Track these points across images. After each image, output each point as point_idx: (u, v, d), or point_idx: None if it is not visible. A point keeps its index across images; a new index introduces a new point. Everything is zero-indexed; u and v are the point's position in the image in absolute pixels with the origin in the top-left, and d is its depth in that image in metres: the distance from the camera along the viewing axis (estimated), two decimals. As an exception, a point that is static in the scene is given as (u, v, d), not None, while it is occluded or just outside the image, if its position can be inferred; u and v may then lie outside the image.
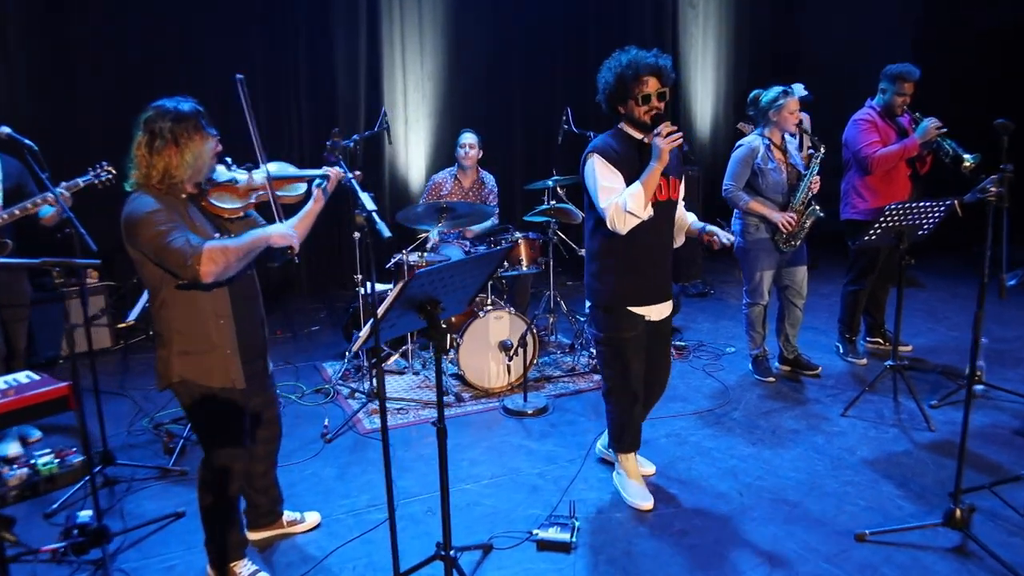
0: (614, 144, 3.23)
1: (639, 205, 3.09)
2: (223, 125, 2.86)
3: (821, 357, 5.40)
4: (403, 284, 2.35)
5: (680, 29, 8.67)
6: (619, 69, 3.13)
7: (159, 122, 2.59)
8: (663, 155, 3.06)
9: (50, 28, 6.13)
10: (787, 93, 4.65)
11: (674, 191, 3.32)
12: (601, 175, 3.18)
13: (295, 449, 4.22)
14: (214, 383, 2.74)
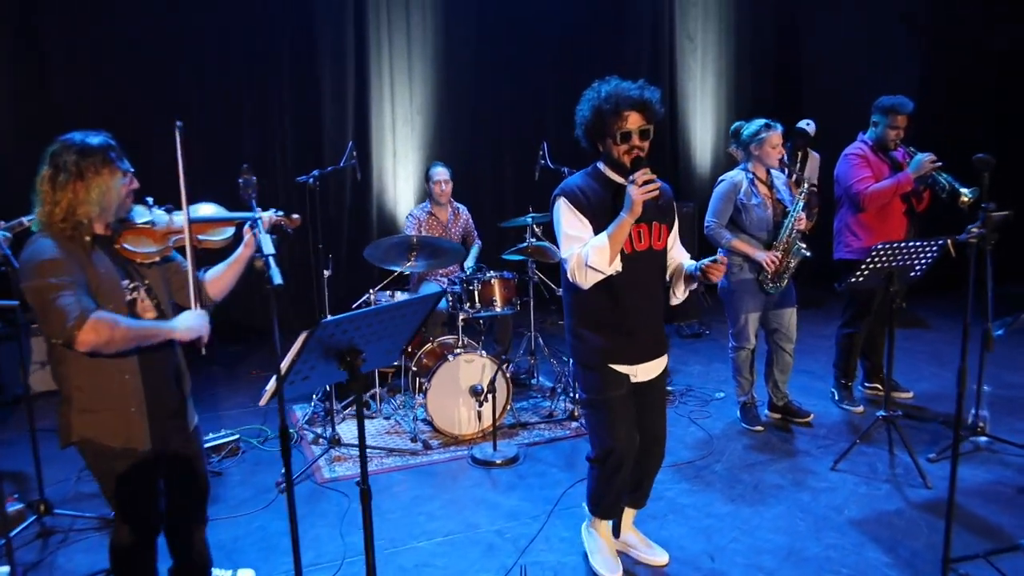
0: (586, 186, 2.87)
1: (603, 260, 2.74)
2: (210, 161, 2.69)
3: (815, 404, 5.11)
4: (308, 333, 2.14)
5: (678, 62, 8.51)
6: (596, 102, 2.77)
7: (64, 155, 2.40)
8: (635, 207, 2.68)
9: (29, 56, 6.06)
10: (769, 127, 4.44)
11: (658, 239, 2.92)
12: (566, 221, 2.85)
13: (248, 499, 4.00)
14: (116, 443, 2.52)
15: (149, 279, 2.63)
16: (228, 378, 6.11)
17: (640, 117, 2.74)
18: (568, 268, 2.83)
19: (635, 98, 2.72)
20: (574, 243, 2.83)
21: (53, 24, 6.13)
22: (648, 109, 2.75)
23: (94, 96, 6.17)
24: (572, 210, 2.84)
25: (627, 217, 2.72)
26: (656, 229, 2.91)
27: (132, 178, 2.56)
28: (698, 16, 8.51)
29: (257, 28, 6.69)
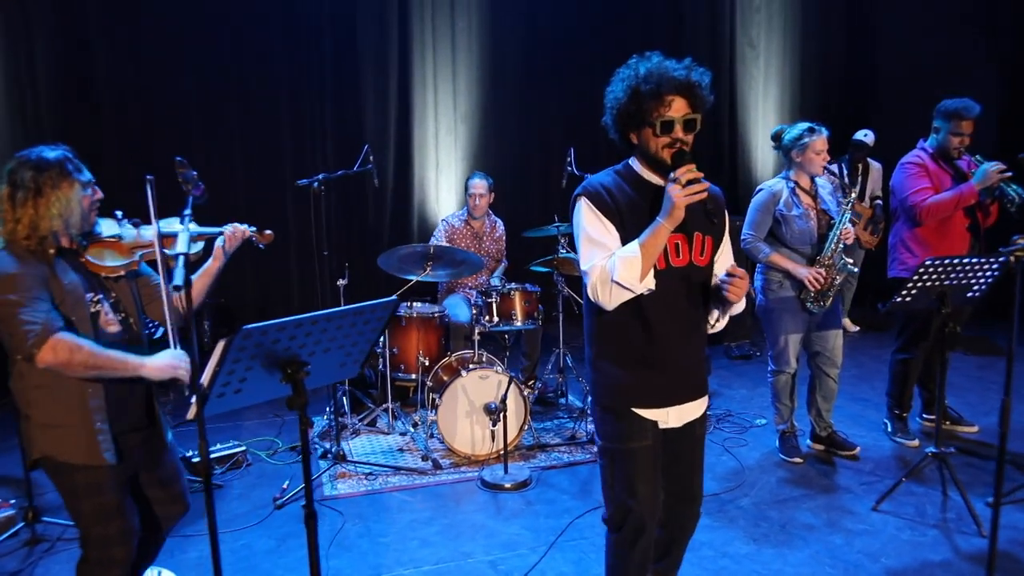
0: (614, 185, 2.35)
1: (632, 274, 2.21)
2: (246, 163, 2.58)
3: (866, 435, 4.66)
4: (227, 341, 1.96)
5: (738, 70, 8.12)
6: (634, 81, 2.25)
7: (20, 172, 2.35)
8: (674, 211, 2.18)
9: (72, 69, 6.18)
10: (813, 131, 4.07)
11: (700, 253, 2.38)
12: (588, 225, 2.33)
13: (243, 514, 3.86)
14: (77, 459, 2.40)
15: (117, 293, 2.55)
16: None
17: (685, 104, 2.25)
18: (589, 283, 2.30)
19: (681, 80, 2.22)
20: (597, 252, 2.30)
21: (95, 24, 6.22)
22: (696, 95, 2.26)
23: (131, 99, 6.26)
24: (595, 212, 2.32)
25: (665, 223, 2.20)
26: (699, 241, 2.37)
27: (94, 189, 2.49)
28: (761, 23, 8.11)
29: (299, 35, 6.68)
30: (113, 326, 2.48)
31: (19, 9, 5.90)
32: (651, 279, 2.27)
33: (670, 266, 2.33)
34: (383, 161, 7.07)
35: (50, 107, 6.08)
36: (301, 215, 6.72)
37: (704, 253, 2.40)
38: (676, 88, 2.23)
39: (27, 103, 6.00)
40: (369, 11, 6.87)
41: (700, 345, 2.47)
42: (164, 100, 6.37)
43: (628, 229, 2.29)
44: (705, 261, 2.41)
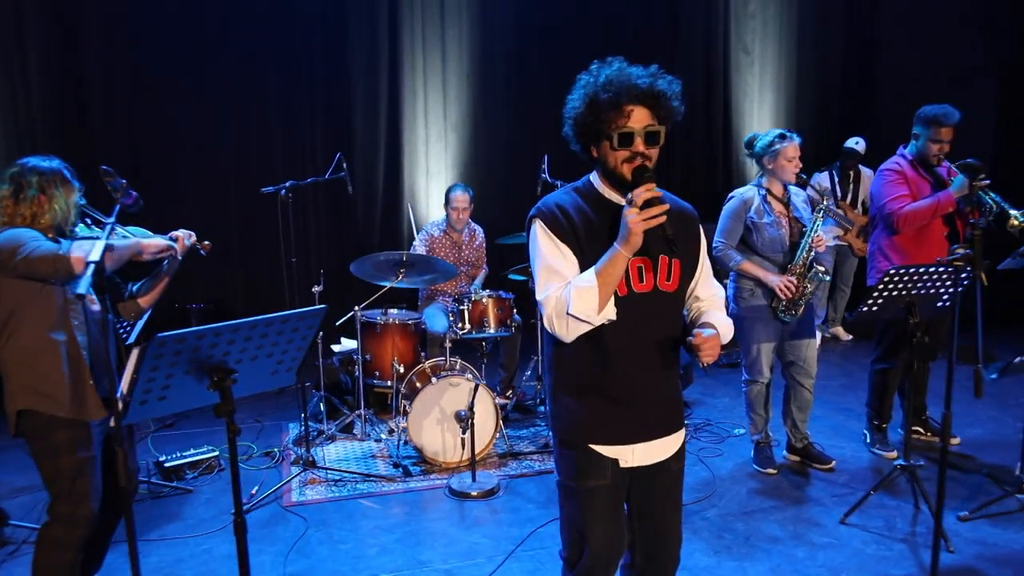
0: (571, 204, 2.16)
1: (589, 307, 2.02)
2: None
3: (844, 447, 4.59)
4: (141, 349, 1.95)
5: (732, 76, 8.05)
6: (592, 89, 2.07)
7: (26, 175, 2.69)
8: (631, 237, 1.98)
9: (64, 61, 6.25)
10: (784, 137, 4.03)
11: (666, 278, 2.17)
12: (544, 250, 2.13)
13: (207, 519, 3.87)
14: (63, 413, 2.63)
15: None
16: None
17: (648, 114, 2.06)
18: (544, 314, 2.11)
19: (643, 88, 2.03)
20: (552, 281, 2.10)
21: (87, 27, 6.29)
22: (661, 105, 2.07)
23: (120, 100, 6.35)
24: (550, 236, 2.12)
25: (622, 250, 2.00)
26: (664, 265, 2.17)
27: (82, 194, 2.82)
28: (756, 28, 8.05)
29: (289, 42, 6.71)
30: (95, 304, 2.75)
31: (12, 9, 5.99)
32: (611, 309, 2.08)
33: (632, 292, 2.13)
34: (373, 168, 7.08)
35: (41, 110, 6.15)
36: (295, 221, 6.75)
37: (671, 278, 2.18)
38: (637, 97, 2.04)
39: (19, 105, 6.09)
40: (359, 18, 6.89)
41: (670, 377, 2.26)
42: (154, 103, 6.42)
43: (587, 253, 2.10)
44: (673, 286, 2.19)
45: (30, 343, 2.61)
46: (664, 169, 7.93)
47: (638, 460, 2.22)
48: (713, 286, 2.34)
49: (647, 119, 2.07)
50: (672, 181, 7.96)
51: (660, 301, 2.18)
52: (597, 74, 2.10)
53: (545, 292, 2.10)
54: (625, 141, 2.06)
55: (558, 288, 2.08)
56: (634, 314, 2.13)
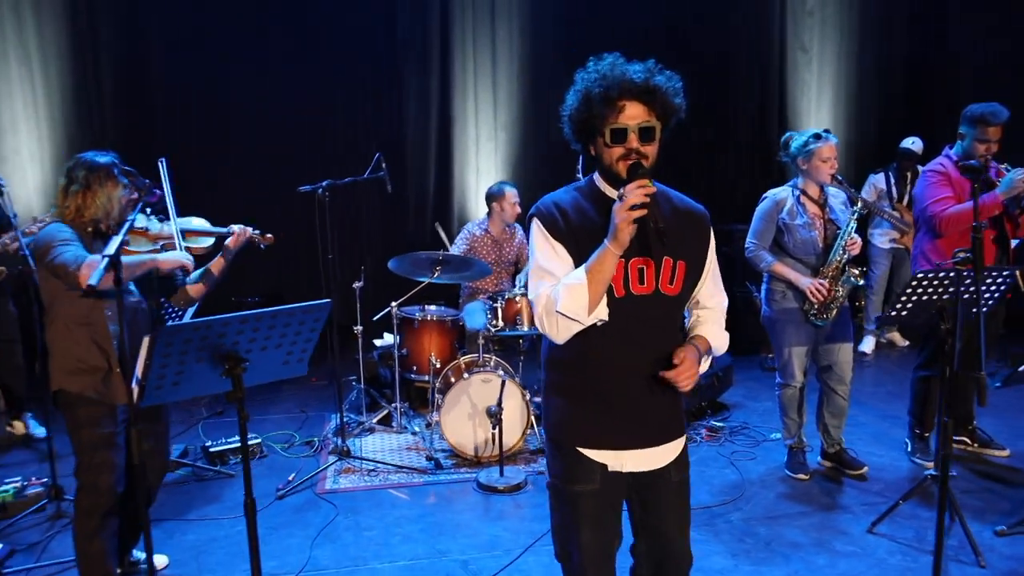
0: (571, 203, 2.12)
1: (578, 305, 1.97)
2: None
3: (884, 455, 4.48)
4: (151, 338, 2.09)
5: (788, 75, 7.90)
6: (585, 85, 2.04)
7: (76, 170, 2.90)
8: (618, 233, 1.92)
9: (132, 62, 6.62)
10: (820, 137, 3.96)
11: (669, 281, 2.10)
12: (538, 250, 2.11)
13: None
14: (89, 394, 2.85)
15: None
16: (286, 383, 6.30)
17: (644, 110, 2.01)
18: (536, 314, 2.08)
19: (637, 83, 1.98)
20: (545, 280, 2.07)
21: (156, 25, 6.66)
22: (657, 100, 2.01)
23: (183, 102, 6.70)
24: (545, 235, 2.09)
25: (611, 246, 1.95)
26: (668, 267, 2.09)
27: (133, 190, 2.96)
28: (814, 25, 7.88)
29: (341, 43, 6.91)
30: (132, 296, 3.00)
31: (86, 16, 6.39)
32: (603, 309, 2.02)
33: (630, 294, 2.06)
34: (424, 168, 7.23)
35: (111, 109, 6.54)
36: (344, 219, 6.98)
37: (675, 281, 2.10)
38: (631, 92, 1.99)
39: (92, 105, 6.49)
40: (410, 21, 7.05)
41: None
42: (214, 102, 6.72)
43: (585, 253, 2.03)
44: (675, 290, 2.11)
45: (63, 329, 2.84)
46: (714, 170, 7.86)
47: (631, 467, 2.14)
48: (719, 294, 2.25)
49: (643, 115, 2.01)
50: (724, 182, 7.89)
51: (661, 304, 2.10)
52: (591, 70, 2.05)
53: (536, 291, 2.07)
54: (618, 137, 2.01)
55: (549, 287, 2.04)
56: (632, 316, 2.06)
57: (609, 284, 2.02)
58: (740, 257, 4.33)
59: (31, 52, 6.33)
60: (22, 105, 6.36)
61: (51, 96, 6.43)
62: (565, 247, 2.08)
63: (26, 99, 6.35)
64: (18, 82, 6.31)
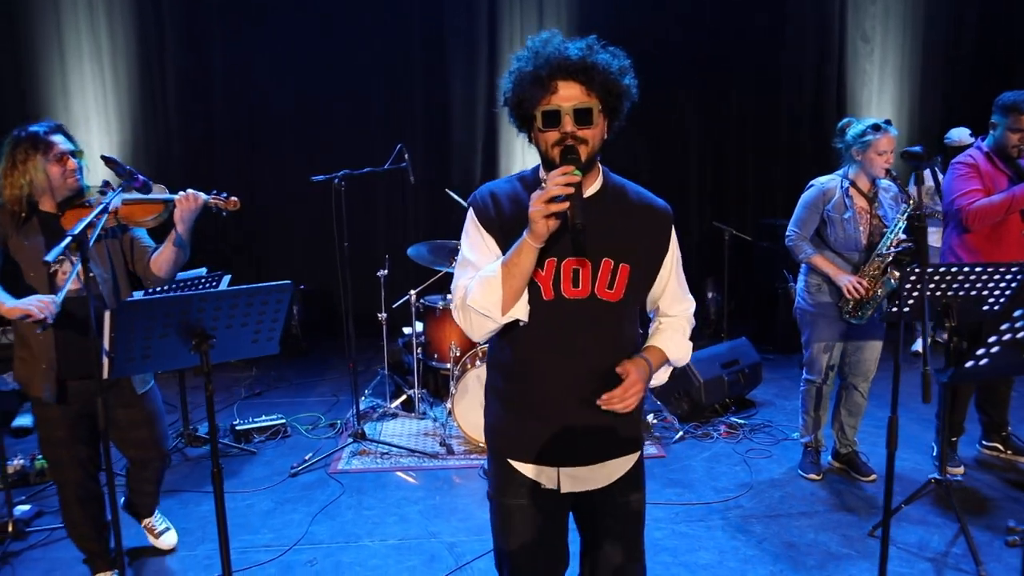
0: (508, 193, 1.95)
1: (490, 300, 1.82)
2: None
3: (909, 459, 4.30)
4: (112, 312, 2.25)
5: (848, 65, 7.61)
6: (517, 65, 1.85)
7: (4, 147, 2.80)
8: (533, 226, 1.74)
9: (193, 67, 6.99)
10: (879, 128, 3.75)
11: (608, 285, 1.89)
12: (465, 240, 1.98)
13: (259, 478, 4.24)
14: (32, 392, 2.89)
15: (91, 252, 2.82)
16: (322, 367, 6.53)
17: (580, 90, 1.80)
18: (453, 306, 1.95)
19: (572, 61, 1.78)
20: (466, 271, 1.93)
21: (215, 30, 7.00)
22: (595, 79, 1.80)
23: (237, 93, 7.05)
24: (476, 225, 1.95)
25: (527, 238, 1.77)
26: (607, 269, 1.89)
27: (68, 160, 2.82)
28: (876, 14, 7.56)
29: (389, 33, 7.07)
30: (72, 283, 2.72)
31: (154, 21, 6.78)
32: (521, 309, 1.85)
33: (561, 297, 1.87)
34: (471, 166, 7.32)
35: (174, 100, 6.95)
36: (392, 210, 7.18)
37: (614, 285, 1.89)
38: (564, 70, 1.79)
39: (157, 102, 6.90)
40: (458, 17, 7.16)
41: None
42: (267, 101, 7.02)
43: (512, 242, 1.84)
44: (616, 296, 1.90)
45: (17, 331, 2.88)
46: (765, 161, 7.66)
47: (567, 486, 1.96)
48: (684, 299, 2.06)
49: (578, 95, 1.79)
50: (775, 174, 7.69)
51: (598, 310, 1.88)
52: (525, 48, 1.86)
53: (456, 282, 1.95)
54: (550, 120, 1.80)
55: (468, 279, 1.90)
56: (563, 322, 1.88)
57: (535, 283, 1.86)
58: (781, 251, 4.18)
59: (103, 49, 6.76)
60: (93, 100, 6.80)
61: (119, 92, 6.85)
62: (495, 238, 1.92)
63: (96, 94, 6.80)
64: (90, 77, 6.76)
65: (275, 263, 7.15)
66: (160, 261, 2.99)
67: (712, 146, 7.72)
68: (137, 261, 3.04)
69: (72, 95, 6.75)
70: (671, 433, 4.73)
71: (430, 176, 7.04)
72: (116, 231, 3.02)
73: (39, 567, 3.34)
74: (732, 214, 7.64)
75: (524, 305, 1.86)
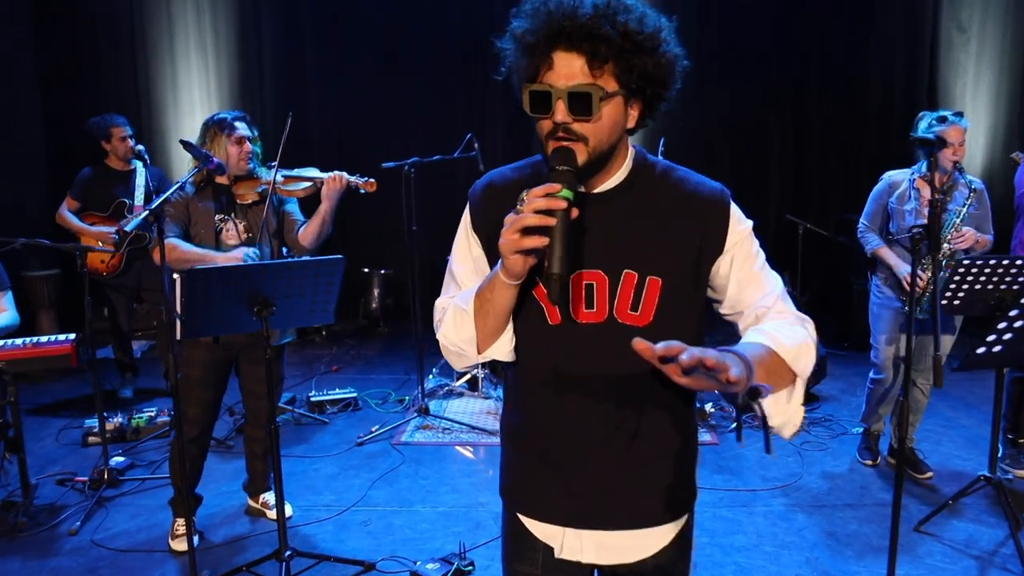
0: (510, 183, 1.54)
1: (460, 336, 1.50)
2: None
3: (972, 459, 4.21)
4: (180, 278, 2.53)
5: (942, 56, 7.31)
6: (513, 25, 1.40)
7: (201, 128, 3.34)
8: (506, 261, 1.34)
9: (288, 59, 7.42)
10: (945, 119, 3.70)
11: (631, 306, 1.45)
12: (456, 241, 1.61)
13: (328, 445, 4.55)
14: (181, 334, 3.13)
15: (248, 218, 3.34)
16: (397, 347, 6.84)
17: (581, 65, 1.31)
18: (435, 324, 1.60)
19: (579, 20, 1.29)
20: (449, 286, 1.62)
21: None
22: (598, 49, 1.30)
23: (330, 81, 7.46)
24: (466, 225, 1.58)
25: (500, 272, 1.37)
26: (630, 284, 1.44)
27: (245, 143, 3.30)
28: (975, 3, 7.23)
29: (469, 13, 7.28)
30: (232, 239, 3.29)
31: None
32: (504, 347, 1.49)
33: (570, 322, 1.46)
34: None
35: (270, 85, 7.41)
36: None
37: (640, 305, 1.44)
38: (564, 35, 1.29)
39: (255, 94, 7.38)
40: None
41: (647, 450, 1.52)
42: (357, 92, 7.38)
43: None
44: (643, 319, 1.44)
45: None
46: (849, 156, 7.47)
47: (591, 556, 1.55)
48: (765, 284, 1.48)
49: (579, 73, 1.31)
50: (860, 169, 7.50)
51: (620, 338, 1.32)
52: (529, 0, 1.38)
53: (438, 300, 1.61)
54: (539, 104, 1.34)
55: (448, 299, 1.58)
56: (574, 353, 1.47)
57: (537, 304, 1.48)
58: (860, 249, 4.16)
59: (207, 43, 7.28)
60: (198, 91, 7.33)
61: (221, 84, 7.35)
62: (481, 242, 1.54)
63: (201, 86, 7.32)
64: (196, 70, 7.29)
65: (364, 247, 7.44)
66: (307, 234, 3.40)
67: (794, 140, 7.59)
68: (287, 232, 3.46)
69: (180, 87, 7.29)
70: (727, 422, 4.76)
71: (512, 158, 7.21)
72: (275, 200, 3.41)
73: (127, 511, 3.72)
74: (814, 208, 7.50)
75: (507, 342, 1.49)
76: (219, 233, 3.28)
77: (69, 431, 4.73)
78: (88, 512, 3.64)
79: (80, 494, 3.87)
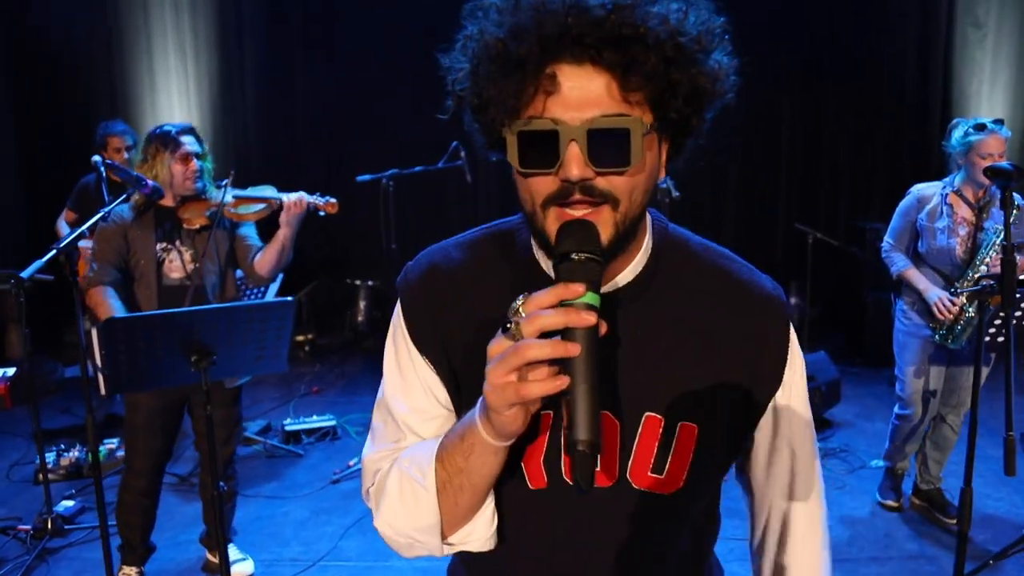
0: (470, 269, 1.07)
1: (415, 525, 1.04)
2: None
3: (1005, 499, 3.85)
4: (98, 328, 2.16)
5: (956, 54, 6.94)
6: (479, 28, 0.92)
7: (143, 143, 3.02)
8: (490, 411, 0.86)
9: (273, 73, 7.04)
10: (983, 128, 3.31)
11: (652, 465, 1.01)
12: (388, 351, 1.15)
13: (301, 483, 4.19)
14: None
15: (195, 245, 2.96)
16: (380, 363, 6.42)
17: (605, 81, 0.86)
18: (363, 490, 1.17)
19: (592, 16, 0.84)
20: (384, 427, 1.13)
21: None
22: (635, 58, 0.84)
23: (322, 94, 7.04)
24: (403, 333, 1.10)
25: (480, 426, 0.91)
26: (651, 430, 1.00)
27: (191, 160, 2.92)
28: None
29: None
30: (176, 272, 2.94)
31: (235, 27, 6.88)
32: (481, 532, 1.03)
33: (560, 484, 1.02)
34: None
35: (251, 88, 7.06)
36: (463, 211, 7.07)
37: (667, 465, 1.01)
38: (567, 38, 0.85)
39: (236, 96, 7.03)
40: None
41: None
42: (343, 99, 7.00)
43: (471, 382, 1.00)
44: (672, 484, 1.02)
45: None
46: (859, 160, 7.11)
47: None
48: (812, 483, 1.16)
49: (605, 98, 0.87)
50: (870, 173, 7.15)
51: (635, 512, 1.01)
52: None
53: (367, 449, 1.14)
54: (535, 152, 0.89)
55: (387, 452, 1.09)
56: (566, 531, 1.04)
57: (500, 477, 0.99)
58: (873, 260, 3.78)
59: (186, 45, 6.91)
60: (177, 96, 6.96)
61: (201, 88, 6.98)
62: (430, 360, 1.06)
63: (180, 90, 6.95)
64: (175, 72, 6.92)
65: (354, 260, 7.11)
66: (264, 262, 3.06)
67: (803, 143, 7.22)
68: (241, 259, 3.12)
69: (158, 91, 6.92)
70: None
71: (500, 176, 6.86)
72: (226, 224, 3.05)
73: (71, 567, 3.36)
74: (822, 215, 7.14)
75: (485, 525, 1.02)
76: (161, 264, 2.92)
77: (21, 467, 4.36)
78: (26, 568, 3.29)
79: (21, 545, 3.51)
